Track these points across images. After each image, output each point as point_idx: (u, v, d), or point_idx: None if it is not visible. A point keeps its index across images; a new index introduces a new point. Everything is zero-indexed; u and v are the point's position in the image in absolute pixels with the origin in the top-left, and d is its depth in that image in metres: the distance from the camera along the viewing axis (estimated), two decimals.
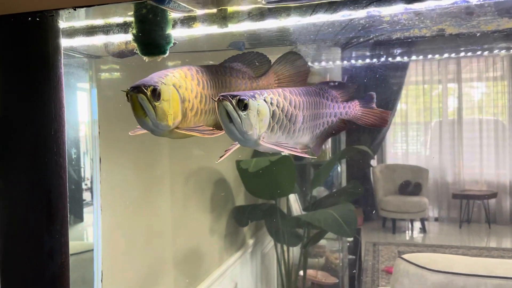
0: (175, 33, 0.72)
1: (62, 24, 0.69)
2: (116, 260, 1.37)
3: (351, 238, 3.18)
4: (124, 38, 0.82)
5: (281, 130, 0.70)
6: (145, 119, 0.67)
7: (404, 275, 1.53)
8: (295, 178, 2.55)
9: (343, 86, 0.81)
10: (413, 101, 6.00)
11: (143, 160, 1.53)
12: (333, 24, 0.73)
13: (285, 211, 2.80)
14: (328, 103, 0.79)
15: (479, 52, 1.12)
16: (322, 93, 0.78)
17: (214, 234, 2.18)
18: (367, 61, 1.23)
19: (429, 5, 0.62)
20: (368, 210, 5.48)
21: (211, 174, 2.16)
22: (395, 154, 6.07)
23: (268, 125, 0.68)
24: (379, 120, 0.81)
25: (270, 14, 0.67)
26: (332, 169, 3.04)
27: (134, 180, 1.47)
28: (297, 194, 3.05)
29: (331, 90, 0.80)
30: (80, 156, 1.35)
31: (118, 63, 1.27)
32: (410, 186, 5.40)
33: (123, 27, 0.76)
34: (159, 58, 0.71)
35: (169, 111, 0.68)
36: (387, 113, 0.80)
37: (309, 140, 0.77)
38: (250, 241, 2.64)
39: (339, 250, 3.15)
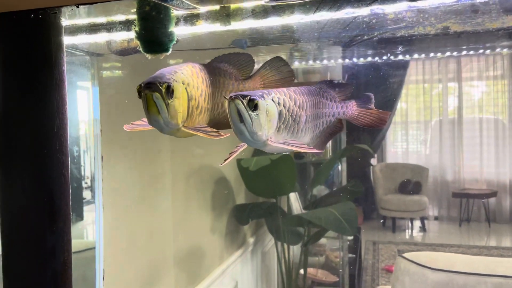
0: (178, 31, 0.72)
1: (65, 22, 0.69)
2: (118, 258, 1.37)
3: (352, 237, 3.18)
4: (127, 36, 0.82)
5: (286, 130, 0.69)
6: (158, 117, 0.65)
7: (405, 274, 1.53)
8: (296, 177, 2.55)
9: (341, 86, 0.80)
10: (413, 100, 6.00)
11: (145, 159, 1.53)
12: (336, 22, 0.73)
13: (286, 210, 2.80)
14: (327, 103, 0.78)
15: (481, 51, 1.12)
16: (322, 93, 0.78)
17: (215, 233, 2.18)
18: (368, 60, 1.23)
19: (434, 3, 0.62)
20: (368, 209, 5.49)
21: (212, 173, 2.16)
22: (395, 153, 6.08)
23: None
24: (377, 121, 0.80)
25: (274, 12, 0.67)
26: (333, 168, 3.05)
27: (136, 179, 1.47)
28: (298, 193, 3.05)
29: (330, 90, 0.79)
30: (81, 155, 1.35)
31: (120, 61, 1.26)
32: (410, 185, 5.40)
33: (126, 25, 0.76)
34: (162, 56, 0.71)
35: (179, 109, 0.67)
36: (386, 114, 0.79)
37: (309, 140, 0.77)
38: (251, 240, 2.64)
39: (339, 249, 3.16)
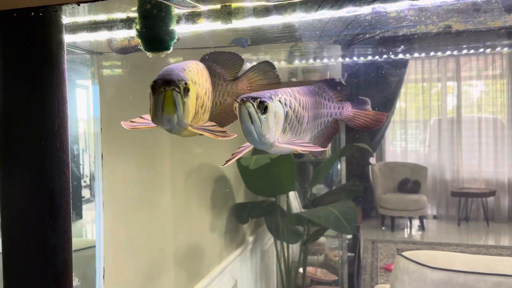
0: (178, 29, 0.72)
1: (65, 20, 0.69)
2: (118, 256, 1.37)
3: (351, 236, 3.18)
4: (127, 34, 0.81)
5: (291, 131, 0.69)
6: (173, 116, 0.62)
7: (404, 272, 1.53)
8: (295, 176, 2.55)
9: (339, 85, 0.80)
10: (412, 99, 6.01)
11: (145, 157, 1.53)
12: (338, 21, 0.73)
13: (285, 209, 2.80)
14: (326, 103, 0.78)
15: (482, 50, 1.12)
16: (321, 93, 0.78)
17: (215, 231, 2.18)
18: (368, 59, 1.22)
19: (435, 1, 0.62)
20: (367, 208, 5.49)
21: (212, 171, 2.16)
22: (394, 152, 6.08)
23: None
24: (372, 122, 0.79)
25: (275, 10, 0.66)
26: (332, 167, 3.05)
27: (136, 177, 1.47)
28: (297, 192, 3.05)
29: (328, 90, 0.79)
30: (80, 153, 1.35)
31: (120, 59, 1.26)
32: (409, 184, 5.41)
33: (127, 23, 0.75)
34: (163, 54, 0.71)
35: (191, 108, 0.65)
36: (382, 115, 0.79)
37: (308, 141, 0.77)
38: (250, 238, 2.64)
39: (339, 248, 3.16)
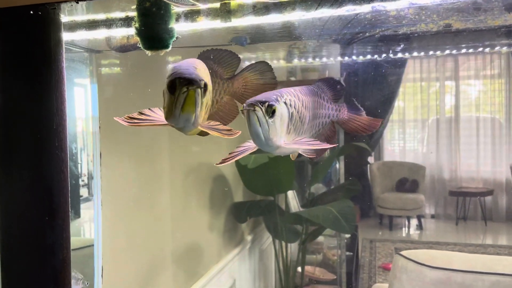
0: (178, 27, 0.72)
1: (64, 18, 0.68)
2: (116, 256, 1.37)
3: (349, 235, 3.19)
4: (126, 32, 0.81)
5: (294, 132, 0.69)
6: (191, 115, 0.60)
7: (403, 272, 1.53)
8: (294, 175, 2.55)
9: (337, 85, 0.79)
10: (411, 99, 6.01)
11: (143, 156, 1.53)
12: (338, 19, 0.72)
13: (284, 208, 2.80)
14: (324, 103, 0.78)
15: (481, 49, 1.12)
16: (320, 93, 0.77)
17: (213, 230, 2.18)
18: (367, 58, 1.22)
19: (435, 0, 0.62)
20: (366, 207, 5.50)
21: (211, 170, 2.16)
22: (392, 151, 6.09)
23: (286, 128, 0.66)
24: (366, 128, 0.78)
25: (275, 8, 0.66)
26: (331, 166, 3.05)
27: (134, 176, 1.47)
28: (296, 191, 3.06)
29: (327, 90, 0.79)
30: (78, 152, 1.35)
31: (119, 58, 1.26)
32: (407, 183, 5.42)
33: (125, 21, 0.75)
34: (162, 52, 0.70)
35: (205, 108, 0.63)
36: (377, 121, 0.78)
37: None
38: (249, 238, 2.64)
39: (337, 247, 3.17)
